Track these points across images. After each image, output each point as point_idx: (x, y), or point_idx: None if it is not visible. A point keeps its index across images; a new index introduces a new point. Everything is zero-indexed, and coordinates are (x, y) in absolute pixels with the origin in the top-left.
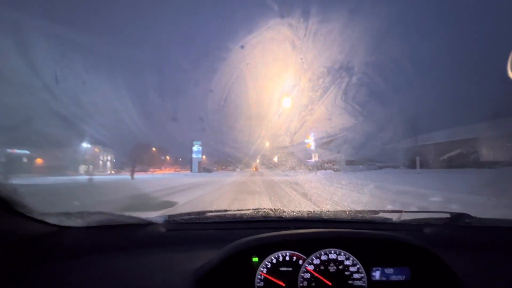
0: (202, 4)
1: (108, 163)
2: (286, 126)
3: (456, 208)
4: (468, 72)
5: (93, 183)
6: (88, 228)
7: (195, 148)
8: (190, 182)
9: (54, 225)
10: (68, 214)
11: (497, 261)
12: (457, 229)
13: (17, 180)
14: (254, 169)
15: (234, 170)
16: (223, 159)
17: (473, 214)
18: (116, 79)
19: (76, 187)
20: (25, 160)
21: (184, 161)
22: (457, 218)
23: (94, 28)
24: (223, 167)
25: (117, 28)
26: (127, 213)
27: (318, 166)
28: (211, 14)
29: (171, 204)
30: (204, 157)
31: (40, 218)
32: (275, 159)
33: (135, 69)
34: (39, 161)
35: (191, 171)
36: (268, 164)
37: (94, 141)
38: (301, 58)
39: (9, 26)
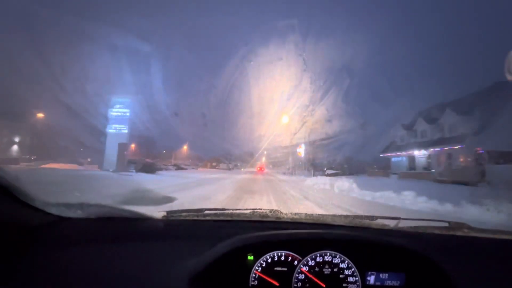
0: (209, 2)
1: (16, 146)
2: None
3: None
4: (470, 73)
5: None
6: (87, 220)
7: (114, 112)
8: None
9: (53, 215)
10: (68, 205)
11: (494, 272)
12: (455, 238)
13: None
14: (258, 169)
15: (228, 169)
16: (222, 155)
17: (472, 224)
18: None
19: None
20: None
21: (166, 154)
22: (455, 227)
23: (102, 19)
24: (214, 164)
25: (124, 20)
26: (126, 207)
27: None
28: (216, 12)
29: (171, 199)
30: (185, 147)
31: (40, 207)
32: (301, 149)
33: (140, 60)
34: None
35: (100, 167)
36: (277, 164)
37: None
38: (303, 59)
39: (21, 16)
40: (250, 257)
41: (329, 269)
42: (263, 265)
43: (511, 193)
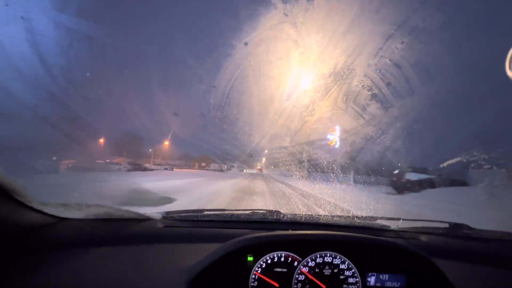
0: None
1: None
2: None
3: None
4: (472, 75)
5: None
6: (85, 220)
7: None
8: None
9: (52, 216)
10: (66, 205)
11: (493, 273)
12: (455, 239)
13: None
14: (258, 171)
15: (221, 170)
16: (219, 155)
17: (472, 225)
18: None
19: None
20: None
21: (152, 153)
22: (455, 228)
23: (102, 20)
24: (203, 164)
25: (123, 21)
26: (125, 207)
27: None
28: (214, 10)
29: (170, 200)
30: (166, 142)
31: (39, 208)
32: (334, 136)
33: (139, 61)
34: None
35: None
36: (278, 165)
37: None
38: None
39: (20, 14)
40: (250, 258)
41: (330, 270)
42: (263, 266)
43: None
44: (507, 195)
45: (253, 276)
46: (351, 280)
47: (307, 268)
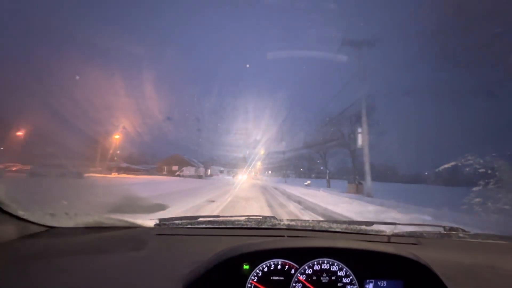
0: (202, 3)
1: None
2: None
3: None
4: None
5: None
6: (75, 229)
7: None
8: None
9: (39, 225)
10: (53, 214)
11: (489, 276)
12: (450, 243)
13: None
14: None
15: (198, 177)
16: (208, 159)
17: (466, 229)
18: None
19: None
20: None
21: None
22: (450, 232)
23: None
24: (174, 167)
25: (116, 23)
26: (116, 215)
27: None
28: (211, 14)
29: (163, 207)
30: (116, 136)
31: (25, 217)
32: None
33: (132, 65)
34: None
35: None
36: (275, 169)
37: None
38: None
39: (7, 16)
40: (246, 266)
41: (327, 278)
42: (259, 275)
43: None
44: None
45: (249, 285)
46: (349, 287)
47: (304, 275)
